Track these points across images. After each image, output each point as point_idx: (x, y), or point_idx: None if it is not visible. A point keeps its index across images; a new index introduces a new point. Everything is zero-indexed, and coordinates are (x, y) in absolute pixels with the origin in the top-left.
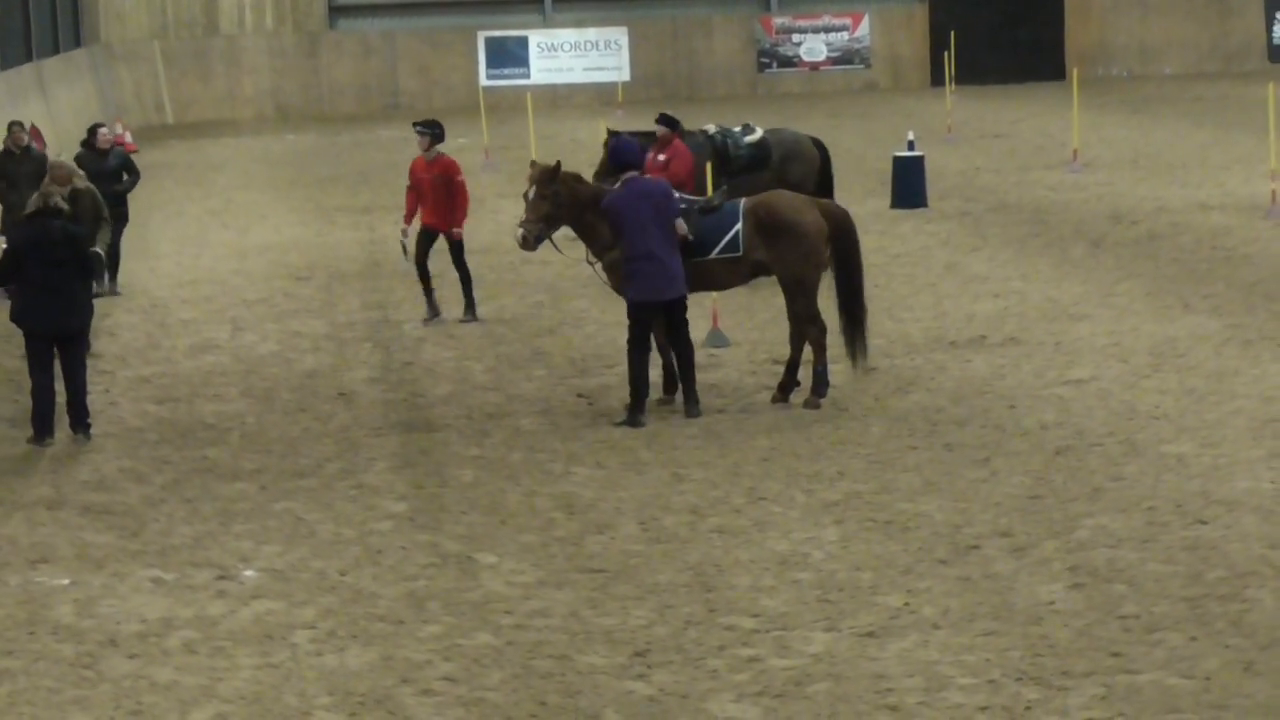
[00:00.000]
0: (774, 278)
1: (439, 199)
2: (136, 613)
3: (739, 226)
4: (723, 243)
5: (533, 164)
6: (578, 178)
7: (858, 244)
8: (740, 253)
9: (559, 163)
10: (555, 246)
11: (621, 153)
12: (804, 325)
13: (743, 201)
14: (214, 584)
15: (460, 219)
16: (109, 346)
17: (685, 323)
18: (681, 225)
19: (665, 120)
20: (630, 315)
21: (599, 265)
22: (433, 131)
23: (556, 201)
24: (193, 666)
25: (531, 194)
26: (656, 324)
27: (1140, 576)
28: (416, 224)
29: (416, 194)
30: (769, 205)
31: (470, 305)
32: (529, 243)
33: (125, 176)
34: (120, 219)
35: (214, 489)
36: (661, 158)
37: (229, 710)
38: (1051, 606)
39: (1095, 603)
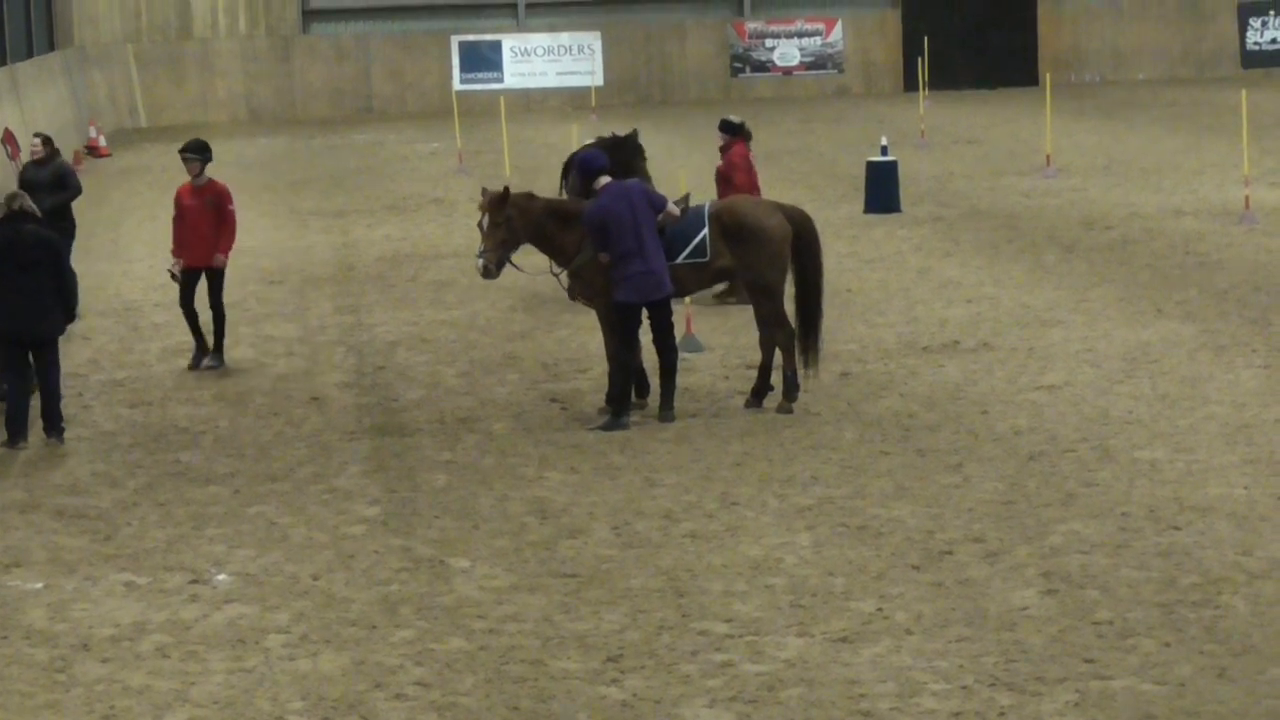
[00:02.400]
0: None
1: (207, 231)
2: (109, 617)
3: (705, 231)
4: (689, 248)
5: (483, 191)
6: (529, 196)
7: (819, 248)
8: (707, 258)
9: (506, 188)
10: (516, 266)
11: (590, 163)
12: (771, 329)
13: (706, 206)
14: (187, 588)
15: (224, 246)
16: (82, 350)
17: (671, 326)
18: (674, 208)
19: (725, 126)
20: (617, 317)
21: (563, 275)
22: (202, 156)
23: (510, 226)
24: (165, 671)
25: (485, 223)
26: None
27: (1113, 582)
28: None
29: (182, 225)
30: (733, 210)
31: (219, 348)
32: (491, 272)
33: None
34: (64, 234)
35: (187, 493)
36: (720, 164)
37: (202, 714)
38: (1025, 612)
39: (1068, 609)
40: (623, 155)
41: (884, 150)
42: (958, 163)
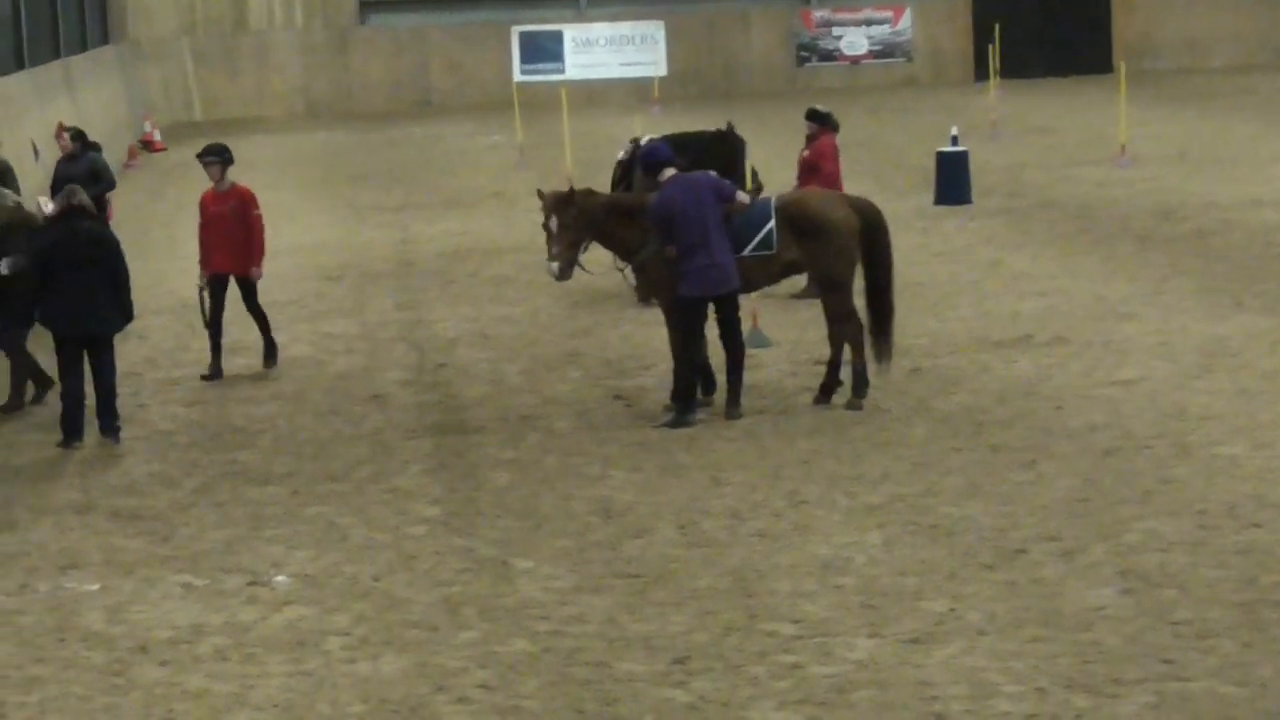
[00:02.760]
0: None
1: (234, 237)
2: (167, 619)
3: (771, 224)
4: (755, 240)
5: (540, 193)
6: (589, 192)
7: (889, 240)
8: (773, 250)
9: (572, 187)
10: (584, 268)
11: (655, 155)
12: (840, 324)
13: (773, 198)
14: (245, 589)
15: (258, 257)
16: (137, 348)
17: (737, 320)
18: (743, 196)
19: (813, 116)
20: (682, 312)
21: (628, 270)
22: (222, 157)
23: (578, 226)
24: (224, 674)
25: (553, 225)
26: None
27: (1192, 581)
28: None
29: (210, 232)
30: (800, 203)
31: (271, 348)
32: (566, 274)
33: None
34: None
35: (245, 493)
36: (807, 153)
37: (261, 718)
38: (1101, 612)
39: (1146, 608)
40: (726, 149)
41: (954, 140)
42: (1029, 153)
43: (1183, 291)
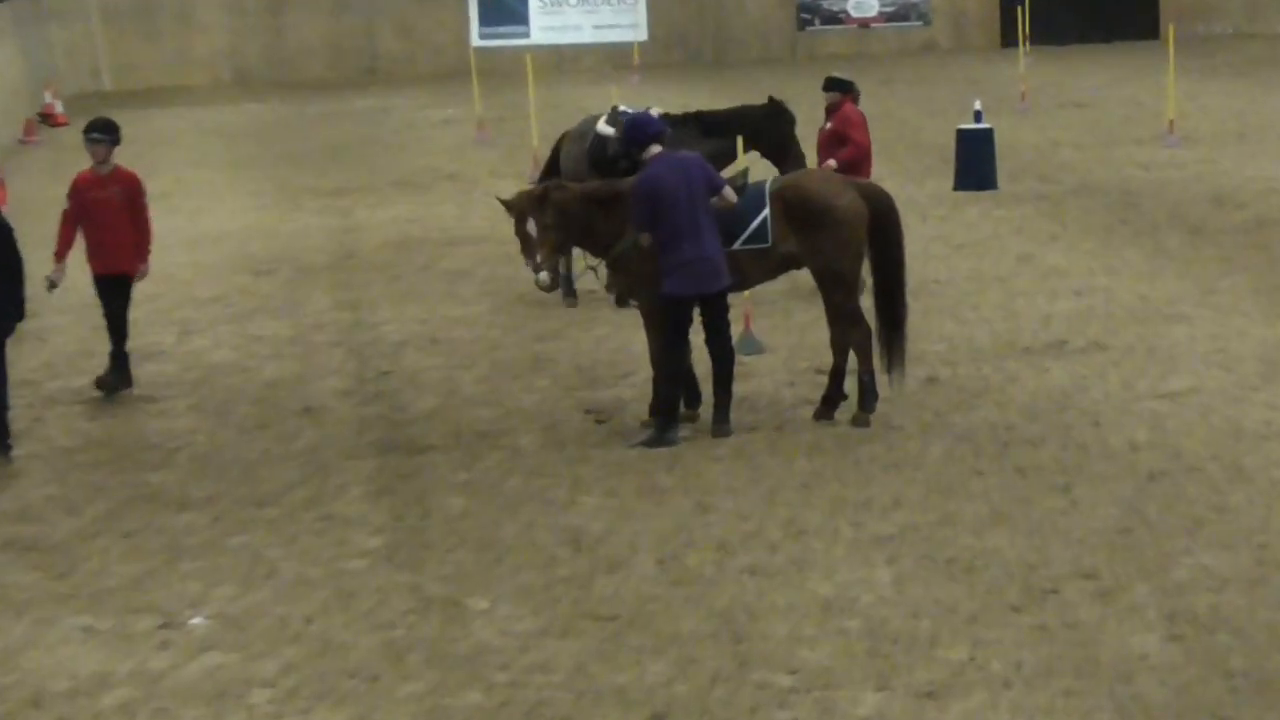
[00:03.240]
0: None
1: (120, 228)
2: (65, 667)
3: (766, 212)
4: (747, 232)
5: (504, 201)
6: (559, 186)
7: (900, 231)
8: (768, 243)
9: (546, 186)
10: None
11: (642, 128)
12: (844, 327)
13: (768, 183)
14: (157, 633)
15: (146, 253)
16: (35, 353)
17: (726, 323)
18: (730, 194)
19: (834, 84)
20: (664, 312)
21: (601, 266)
22: (111, 137)
23: (558, 226)
24: None
25: (533, 229)
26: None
27: (1249, 626)
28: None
29: (79, 222)
30: (799, 188)
31: (125, 366)
32: (556, 282)
33: None
34: None
35: (158, 521)
36: (829, 126)
37: None
38: (1144, 661)
39: (1196, 656)
40: (780, 125)
41: (977, 116)
42: (1064, 130)
43: (1239, 290)
